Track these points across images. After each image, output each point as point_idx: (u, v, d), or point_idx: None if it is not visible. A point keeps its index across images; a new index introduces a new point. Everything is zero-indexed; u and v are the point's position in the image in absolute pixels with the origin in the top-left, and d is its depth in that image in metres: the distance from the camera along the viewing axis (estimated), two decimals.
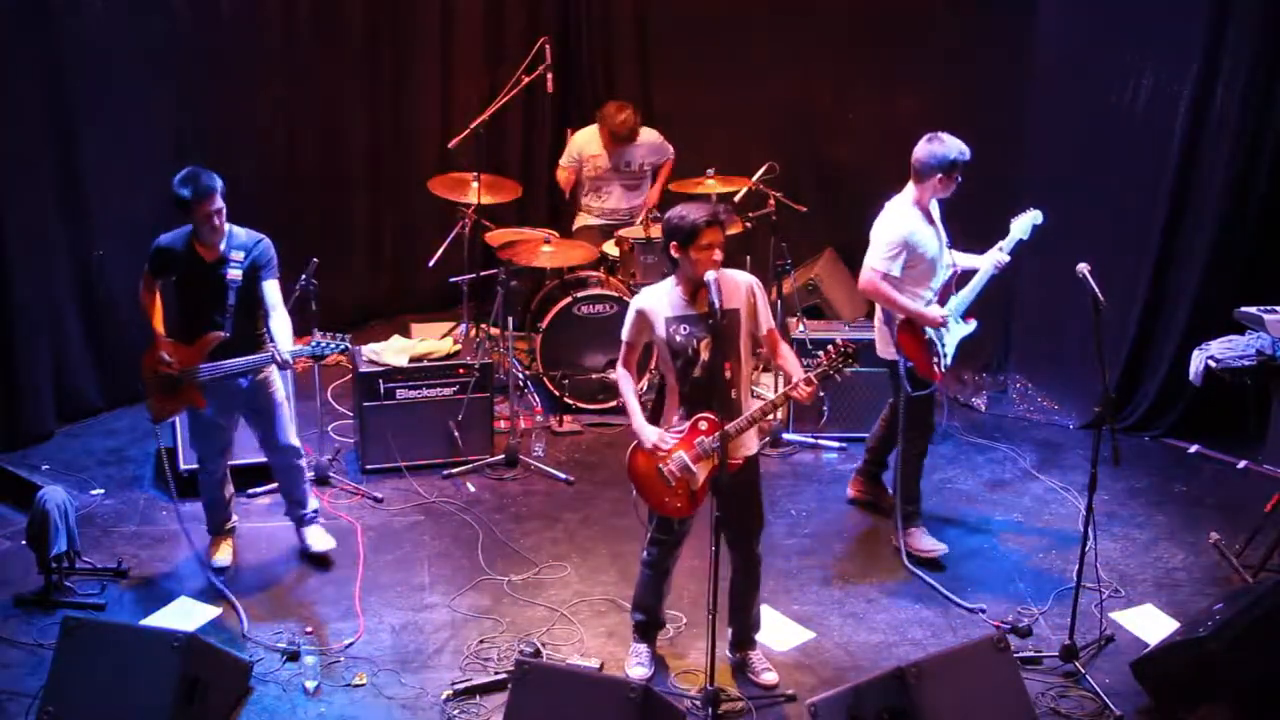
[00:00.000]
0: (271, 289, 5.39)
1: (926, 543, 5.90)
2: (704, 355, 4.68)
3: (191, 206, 5.22)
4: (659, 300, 4.76)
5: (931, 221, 5.66)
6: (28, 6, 6.56)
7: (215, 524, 5.84)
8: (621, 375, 4.91)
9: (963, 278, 5.82)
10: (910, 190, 5.62)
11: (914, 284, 5.64)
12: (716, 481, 4.60)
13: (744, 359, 4.79)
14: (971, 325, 5.82)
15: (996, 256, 5.68)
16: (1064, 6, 7.24)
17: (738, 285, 4.75)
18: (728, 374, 4.69)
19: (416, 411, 6.63)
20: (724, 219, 4.69)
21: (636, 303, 4.82)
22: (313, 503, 5.89)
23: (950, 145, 5.52)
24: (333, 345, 5.38)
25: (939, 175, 5.52)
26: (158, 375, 5.40)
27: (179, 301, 5.48)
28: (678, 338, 4.71)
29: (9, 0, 6.45)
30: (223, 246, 5.33)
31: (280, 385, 5.66)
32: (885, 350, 5.80)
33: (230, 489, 5.86)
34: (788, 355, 4.92)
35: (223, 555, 5.79)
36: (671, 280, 4.78)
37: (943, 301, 5.72)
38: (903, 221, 5.58)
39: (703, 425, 4.70)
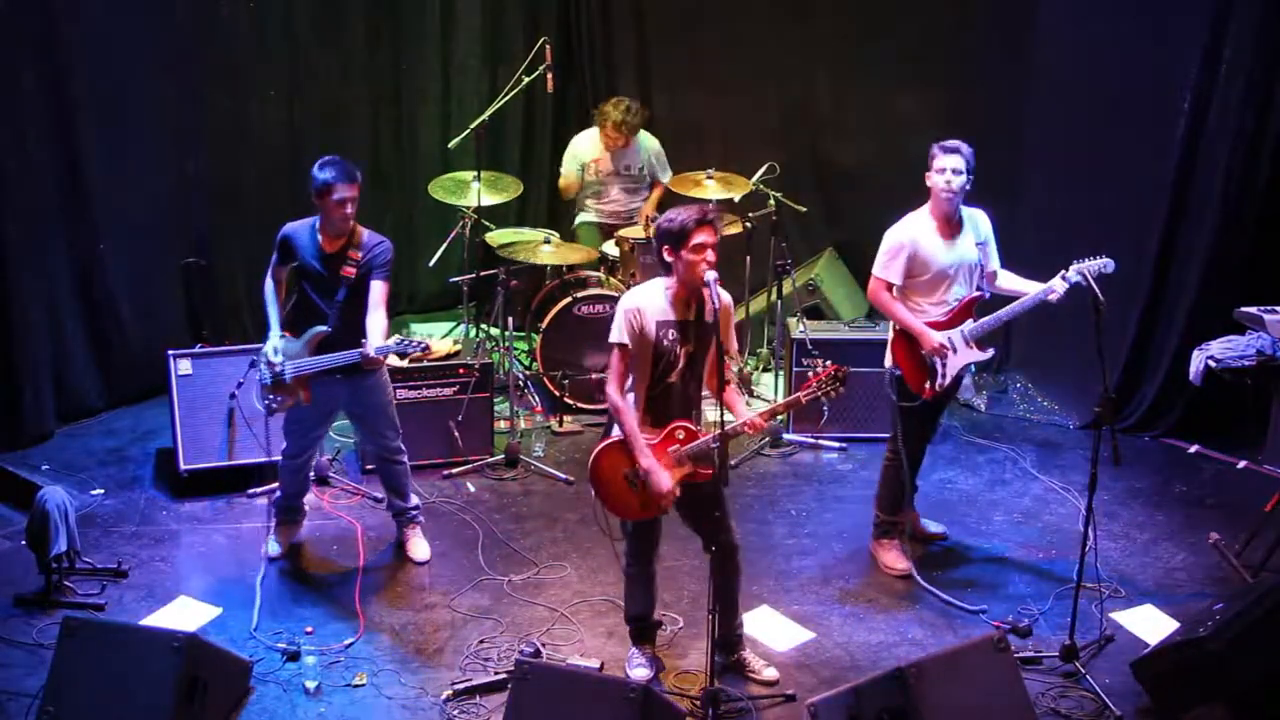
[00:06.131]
0: (377, 288, 5.36)
1: (890, 557, 5.81)
2: (682, 362, 4.68)
3: (330, 189, 5.23)
4: (651, 301, 4.69)
5: (951, 235, 5.47)
6: (29, 7, 6.56)
7: (280, 509, 5.89)
8: (621, 403, 4.69)
9: (1001, 302, 5.56)
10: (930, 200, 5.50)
11: (918, 295, 5.51)
12: (691, 488, 4.65)
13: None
14: (987, 353, 5.62)
15: (1050, 285, 5.31)
16: (1065, 6, 7.24)
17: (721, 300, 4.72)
18: (699, 383, 4.71)
19: (416, 411, 6.63)
20: (715, 218, 4.60)
21: (630, 302, 4.70)
22: (414, 499, 5.95)
23: (939, 146, 5.38)
24: (416, 345, 5.24)
25: (927, 175, 5.41)
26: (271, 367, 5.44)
27: (296, 292, 5.52)
28: (665, 341, 4.67)
29: (10, 1, 6.44)
30: (345, 241, 5.35)
31: (385, 388, 5.66)
32: (888, 355, 5.64)
33: (308, 487, 5.99)
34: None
35: (274, 545, 5.85)
36: (662, 283, 4.71)
37: (956, 323, 5.51)
38: (901, 228, 5.48)
39: (680, 434, 4.68)
